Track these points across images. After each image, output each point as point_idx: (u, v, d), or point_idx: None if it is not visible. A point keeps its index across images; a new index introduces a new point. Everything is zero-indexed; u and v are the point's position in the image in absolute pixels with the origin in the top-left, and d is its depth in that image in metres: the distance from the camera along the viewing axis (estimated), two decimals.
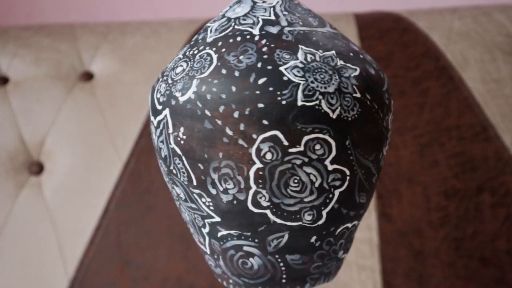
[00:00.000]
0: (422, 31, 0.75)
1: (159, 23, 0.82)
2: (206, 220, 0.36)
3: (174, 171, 0.35)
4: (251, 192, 0.34)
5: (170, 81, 0.35)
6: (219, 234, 0.36)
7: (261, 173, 0.33)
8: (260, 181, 0.33)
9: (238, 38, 0.35)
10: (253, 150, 0.33)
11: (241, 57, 0.34)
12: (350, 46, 0.37)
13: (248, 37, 0.35)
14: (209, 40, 0.36)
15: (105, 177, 0.71)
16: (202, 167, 0.34)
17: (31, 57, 0.78)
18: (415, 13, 0.79)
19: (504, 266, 0.65)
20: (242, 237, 0.35)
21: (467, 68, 0.72)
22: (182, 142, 0.34)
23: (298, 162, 0.33)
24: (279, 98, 0.32)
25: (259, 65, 0.33)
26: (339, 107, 0.33)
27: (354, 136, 0.34)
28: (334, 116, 0.33)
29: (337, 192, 0.34)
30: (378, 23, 0.78)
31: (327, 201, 0.34)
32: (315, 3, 0.42)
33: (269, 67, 0.33)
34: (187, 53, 0.36)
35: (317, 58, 0.34)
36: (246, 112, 0.32)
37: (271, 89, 0.32)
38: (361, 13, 0.80)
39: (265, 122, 0.32)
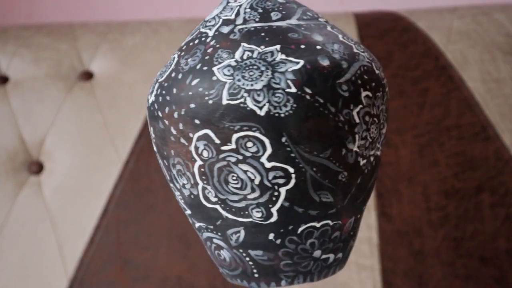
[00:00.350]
0: (422, 30, 0.76)
1: (159, 22, 0.82)
2: (185, 212, 0.38)
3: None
4: (200, 188, 0.35)
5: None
6: (196, 226, 0.37)
7: (202, 169, 0.34)
8: (203, 177, 0.35)
9: (196, 41, 0.36)
10: (192, 148, 0.34)
11: (189, 60, 0.35)
12: (332, 37, 0.36)
13: (203, 39, 0.36)
14: (182, 43, 0.37)
15: (105, 176, 0.71)
16: (166, 164, 0.36)
17: (31, 56, 0.78)
18: (415, 13, 0.79)
19: (503, 266, 0.65)
20: (209, 230, 0.36)
21: (467, 68, 0.72)
22: (153, 141, 0.37)
23: (233, 159, 0.33)
24: (206, 98, 0.33)
25: (198, 66, 0.34)
26: (267, 104, 0.32)
27: (292, 132, 0.33)
28: (262, 113, 0.32)
29: (283, 190, 0.34)
30: (378, 22, 0.78)
31: (273, 198, 0.34)
32: (315, 3, 0.42)
33: (205, 68, 0.34)
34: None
35: (254, 55, 0.34)
36: (182, 113, 0.34)
37: (200, 89, 0.33)
38: (361, 12, 0.80)
39: (197, 121, 0.33)
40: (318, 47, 0.34)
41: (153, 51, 0.77)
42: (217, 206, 0.35)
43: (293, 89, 0.33)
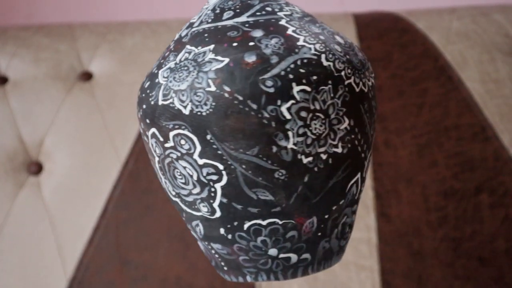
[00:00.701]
0: (421, 31, 0.76)
1: (158, 23, 0.82)
2: None
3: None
4: (163, 181, 0.37)
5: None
6: None
7: (159, 165, 0.36)
8: (161, 172, 0.37)
9: (170, 45, 0.38)
10: (150, 146, 0.37)
11: (154, 64, 0.37)
12: (279, 31, 0.35)
13: (171, 44, 0.38)
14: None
15: (104, 177, 0.71)
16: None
17: (31, 57, 0.78)
18: (414, 13, 0.79)
19: (502, 266, 0.65)
20: (187, 223, 0.38)
21: (466, 68, 0.72)
22: None
23: (174, 156, 0.35)
24: (150, 99, 0.35)
25: (153, 70, 0.37)
26: (189, 103, 0.33)
27: (215, 130, 0.33)
28: (187, 112, 0.34)
29: (217, 186, 0.34)
30: (377, 23, 0.78)
31: (212, 194, 0.35)
32: (315, 3, 0.42)
33: (155, 71, 0.36)
34: None
35: (190, 56, 0.35)
36: (140, 113, 0.36)
37: (148, 91, 0.36)
38: (360, 13, 0.80)
39: (147, 121, 0.36)
40: (251, 43, 0.34)
41: (152, 52, 0.77)
42: (177, 200, 0.37)
43: (212, 88, 0.33)
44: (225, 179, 0.34)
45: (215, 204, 0.35)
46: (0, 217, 0.71)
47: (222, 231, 0.36)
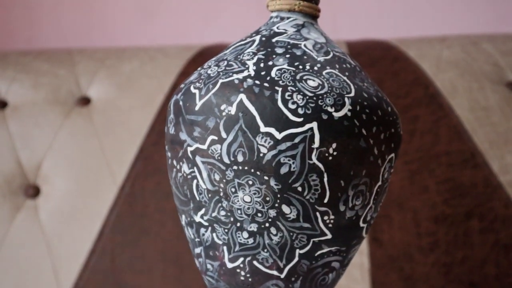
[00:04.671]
0: (412, 59, 0.76)
1: (156, 49, 0.83)
2: (313, 239, 0.37)
3: (299, 189, 0.35)
4: (367, 208, 0.37)
5: (309, 94, 0.35)
6: (318, 253, 0.37)
7: (379, 190, 0.37)
8: (376, 197, 0.37)
9: (349, 66, 0.38)
10: (382, 169, 0.37)
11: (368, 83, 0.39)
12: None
13: (355, 67, 0.39)
14: (320, 59, 0.38)
15: (100, 201, 0.72)
16: (343, 184, 0.35)
17: (30, 81, 0.79)
18: (405, 42, 0.80)
19: None
20: (337, 253, 0.38)
21: (456, 96, 0.73)
22: (330, 158, 0.35)
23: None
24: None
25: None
26: None
27: None
28: None
29: None
30: (369, 51, 0.79)
31: None
32: None
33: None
34: (314, 68, 0.37)
35: None
36: (387, 135, 0.36)
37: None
38: (353, 40, 0.82)
39: (392, 145, 0.37)
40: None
41: (150, 77, 0.78)
42: (365, 226, 0.39)
43: None
44: None
45: None
46: None
47: None
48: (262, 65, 0.36)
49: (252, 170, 0.35)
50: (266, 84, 0.35)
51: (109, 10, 1.00)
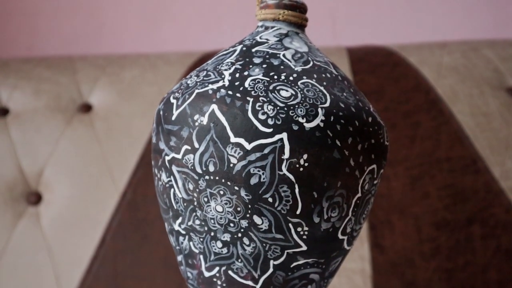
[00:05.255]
0: (413, 65, 0.77)
1: (157, 56, 0.83)
2: (287, 251, 0.36)
3: (269, 200, 0.35)
4: (346, 220, 0.36)
5: (281, 104, 0.35)
6: (294, 264, 0.37)
7: (358, 201, 0.37)
8: (355, 209, 0.37)
9: (329, 75, 0.38)
10: (361, 181, 0.36)
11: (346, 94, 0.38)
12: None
13: (337, 76, 0.38)
14: (298, 69, 0.37)
15: (102, 207, 0.72)
16: (316, 196, 0.35)
17: (31, 89, 0.79)
18: (406, 48, 0.80)
19: None
20: (315, 265, 0.37)
21: (457, 102, 0.73)
22: (302, 169, 0.34)
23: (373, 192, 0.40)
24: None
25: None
26: None
27: None
28: None
29: None
30: (370, 57, 0.79)
31: None
32: (308, 37, 0.44)
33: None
34: (289, 78, 0.37)
35: None
36: (365, 146, 0.36)
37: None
38: (354, 47, 0.82)
39: (372, 156, 0.36)
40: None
41: (151, 84, 0.78)
42: (345, 238, 0.39)
43: None
44: None
45: None
46: None
47: None
48: (237, 75, 0.36)
49: (223, 180, 0.34)
50: (238, 95, 0.35)
51: (110, 17, 1.00)
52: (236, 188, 0.34)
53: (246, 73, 0.36)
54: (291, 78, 0.36)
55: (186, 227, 0.37)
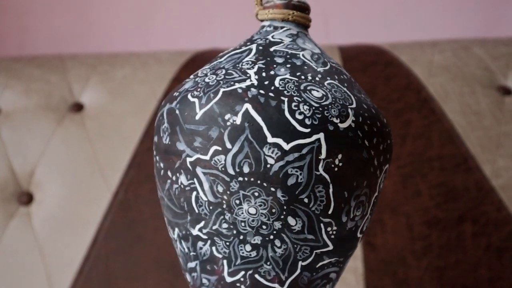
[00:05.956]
0: (404, 64, 0.77)
1: (149, 54, 0.83)
2: (316, 251, 0.36)
3: (305, 200, 0.35)
4: (365, 219, 0.37)
5: (315, 104, 0.35)
6: (319, 264, 0.37)
7: (375, 200, 0.37)
8: (373, 208, 0.38)
9: (345, 77, 0.38)
10: (379, 180, 0.37)
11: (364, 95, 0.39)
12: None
13: (351, 78, 0.39)
14: (320, 70, 0.37)
15: (94, 207, 0.71)
16: (347, 195, 0.35)
17: (22, 88, 0.78)
18: (397, 47, 0.80)
19: None
20: (336, 264, 0.37)
21: (448, 101, 0.73)
22: (336, 169, 0.35)
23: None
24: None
25: None
26: None
27: None
28: None
29: None
30: (362, 56, 0.79)
31: None
32: None
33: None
34: (327, 81, 0.37)
35: None
36: (385, 146, 0.37)
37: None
38: (345, 45, 0.82)
39: (388, 156, 0.38)
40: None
41: (142, 83, 0.78)
42: (360, 236, 0.40)
43: None
44: None
45: None
46: None
47: None
48: (264, 74, 0.36)
49: (259, 182, 0.34)
50: (271, 94, 0.34)
51: (101, 16, 0.99)
52: (273, 189, 0.34)
53: (272, 72, 0.36)
54: (317, 78, 0.36)
55: (209, 231, 0.36)
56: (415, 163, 0.70)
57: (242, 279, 0.36)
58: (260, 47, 0.38)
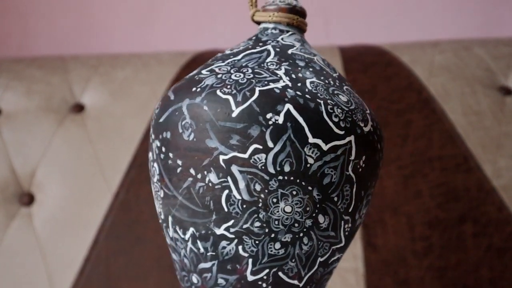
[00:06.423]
0: (405, 64, 0.77)
1: (150, 55, 0.83)
2: (333, 247, 0.38)
3: (335, 199, 0.36)
4: (364, 216, 0.39)
5: (345, 108, 0.36)
6: (331, 260, 0.38)
7: (370, 198, 0.40)
8: (367, 206, 0.40)
9: (348, 83, 0.40)
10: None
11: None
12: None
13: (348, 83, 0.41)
14: (334, 75, 0.39)
15: (95, 208, 0.72)
16: (363, 194, 0.37)
17: (23, 89, 0.78)
18: (398, 47, 0.80)
19: None
20: (339, 259, 0.39)
21: (449, 101, 0.73)
22: (360, 170, 0.37)
23: None
24: None
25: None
26: None
27: None
28: None
29: None
30: (363, 56, 0.79)
31: None
32: None
33: None
34: (341, 85, 0.38)
35: None
36: (383, 149, 0.40)
37: None
38: (346, 46, 0.82)
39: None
40: None
41: (143, 84, 0.78)
42: None
43: None
44: None
45: None
46: None
47: None
48: (293, 76, 0.36)
49: (298, 181, 0.35)
50: (308, 96, 0.35)
51: (102, 17, 1.00)
52: (310, 188, 0.35)
53: (300, 75, 0.37)
54: (337, 83, 0.38)
55: (238, 230, 0.35)
56: (416, 164, 0.70)
57: (265, 277, 0.36)
58: (277, 49, 0.39)
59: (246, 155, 0.34)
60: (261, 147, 0.34)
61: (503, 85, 0.76)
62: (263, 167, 0.34)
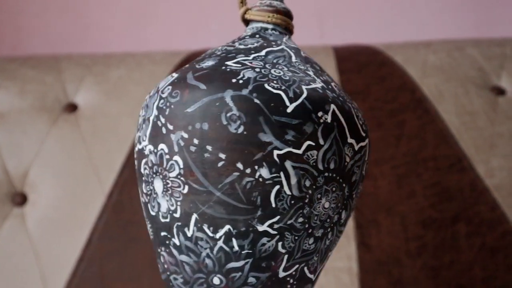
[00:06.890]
0: (398, 64, 0.77)
1: (143, 55, 0.83)
2: (338, 241, 0.40)
3: (354, 196, 0.38)
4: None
5: (359, 114, 0.38)
6: (330, 253, 0.40)
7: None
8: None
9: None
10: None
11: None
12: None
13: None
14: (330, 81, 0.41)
15: (88, 208, 0.71)
16: (359, 190, 0.40)
17: (16, 88, 0.78)
18: (391, 47, 0.80)
19: None
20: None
21: (442, 101, 0.74)
22: (365, 170, 0.40)
23: None
24: None
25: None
26: None
27: None
28: None
29: None
30: (356, 56, 0.79)
31: None
32: (295, 36, 0.44)
33: None
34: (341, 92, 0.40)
35: None
36: None
37: None
38: (340, 46, 0.82)
39: None
40: None
41: (137, 84, 0.78)
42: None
43: None
44: None
45: None
46: None
47: None
48: (321, 78, 0.38)
49: (338, 178, 0.36)
50: (341, 98, 0.37)
51: (96, 16, 0.99)
52: (344, 185, 0.37)
53: (323, 78, 0.38)
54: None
55: (282, 226, 0.35)
56: (410, 164, 0.70)
57: (293, 273, 0.37)
58: (293, 50, 0.39)
59: (300, 151, 0.35)
60: (313, 144, 0.35)
61: (496, 85, 0.76)
62: (314, 164, 0.35)
